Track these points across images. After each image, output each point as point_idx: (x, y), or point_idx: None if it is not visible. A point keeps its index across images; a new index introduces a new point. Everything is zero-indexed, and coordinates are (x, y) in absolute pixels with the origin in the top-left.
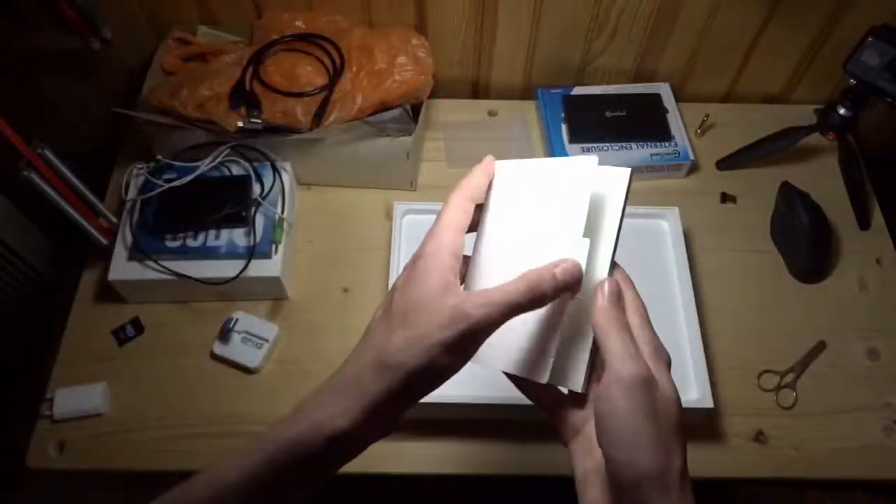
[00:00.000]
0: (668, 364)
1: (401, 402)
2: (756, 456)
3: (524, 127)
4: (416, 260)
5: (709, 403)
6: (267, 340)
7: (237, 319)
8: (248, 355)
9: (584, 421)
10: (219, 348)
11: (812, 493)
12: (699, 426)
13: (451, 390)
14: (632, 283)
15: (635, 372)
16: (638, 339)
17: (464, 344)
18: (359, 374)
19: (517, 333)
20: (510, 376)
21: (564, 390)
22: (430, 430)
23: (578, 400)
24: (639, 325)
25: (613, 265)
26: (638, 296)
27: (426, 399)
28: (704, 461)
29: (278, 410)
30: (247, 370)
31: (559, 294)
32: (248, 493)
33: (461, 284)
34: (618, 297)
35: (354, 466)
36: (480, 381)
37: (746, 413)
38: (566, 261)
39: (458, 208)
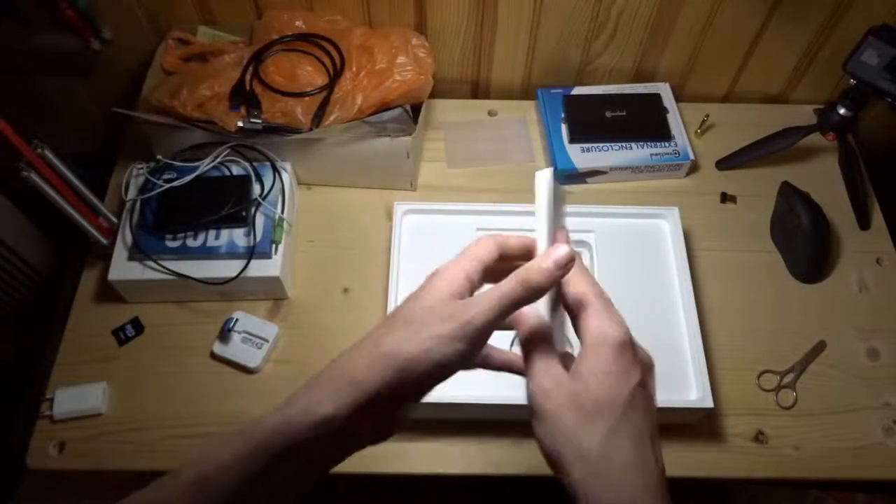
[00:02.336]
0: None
1: (398, 398)
2: (756, 456)
3: (524, 127)
4: (429, 275)
5: (709, 403)
6: (267, 340)
7: (237, 319)
8: (248, 355)
9: None
10: (219, 348)
11: (812, 493)
12: (699, 426)
13: (451, 390)
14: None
15: (533, 386)
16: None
17: (463, 338)
18: (351, 365)
19: None
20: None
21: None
22: (430, 430)
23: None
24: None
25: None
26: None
27: (426, 399)
28: (704, 461)
29: None
30: (247, 370)
31: (554, 282)
32: (237, 477)
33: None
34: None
35: (355, 466)
36: (480, 381)
37: (746, 413)
38: (557, 248)
39: (486, 247)
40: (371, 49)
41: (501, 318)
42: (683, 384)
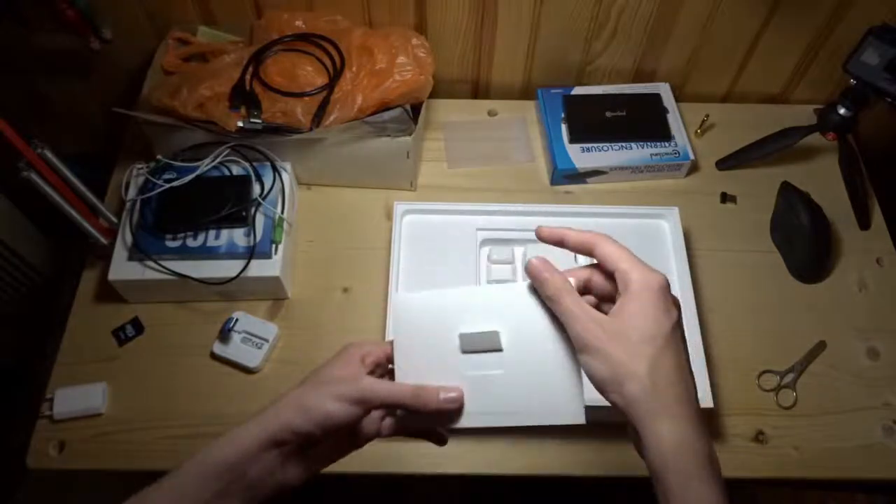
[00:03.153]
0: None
1: (301, 439)
2: (756, 456)
3: (524, 127)
4: (346, 346)
5: (709, 403)
6: (267, 340)
7: (237, 319)
8: (248, 355)
9: None
10: (219, 348)
11: (812, 493)
12: None
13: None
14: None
15: (598, 332)
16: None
17: (357, 402)
18: (269, 410)
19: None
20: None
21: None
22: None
23: None
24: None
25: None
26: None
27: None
28: None
29: None
30: (247, 370)
31: (439, 411)
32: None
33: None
34: (546, 272)
35: (355, 466)
36: None
37: (746, 413)
38: (454, 389)
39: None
40: (371, 49)
41: (388, 406)
42: None
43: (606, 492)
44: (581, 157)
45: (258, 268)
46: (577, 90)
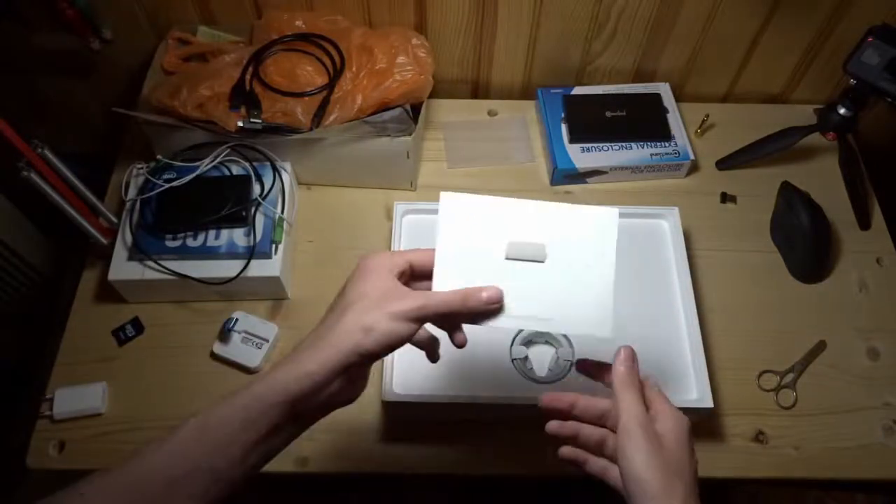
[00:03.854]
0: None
1: (363, 360)
2: (756, 456)
3: (524, 127)
4: (364, 261)
5: (709, 403)
6: (267, 340)
7: (237, 319)
8: (248, 355)
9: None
10: (219, 348)
11: (812, 493)
12: (699, 426)
13: (451, 390)
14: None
15: (649, 435)
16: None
17: (417, 320)
18: (328, 334)
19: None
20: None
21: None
22: (429, 430)
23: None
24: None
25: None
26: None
27: (427, 399)
28: (704, 461)
29: None
30: (247, 370)
31: (484, 310)
32: (235, 424)
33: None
34: (632, 361)
35: (357, 466)
36: (480, 381)
37: (746, 413)
38: (493, 289)
39: (427, 254)
40: (371, 49)
41: (440, 315)
42: (683, 384)
43: (607, 492)
44: (581, 157)
45: (258, 268)
46: (577, 90)
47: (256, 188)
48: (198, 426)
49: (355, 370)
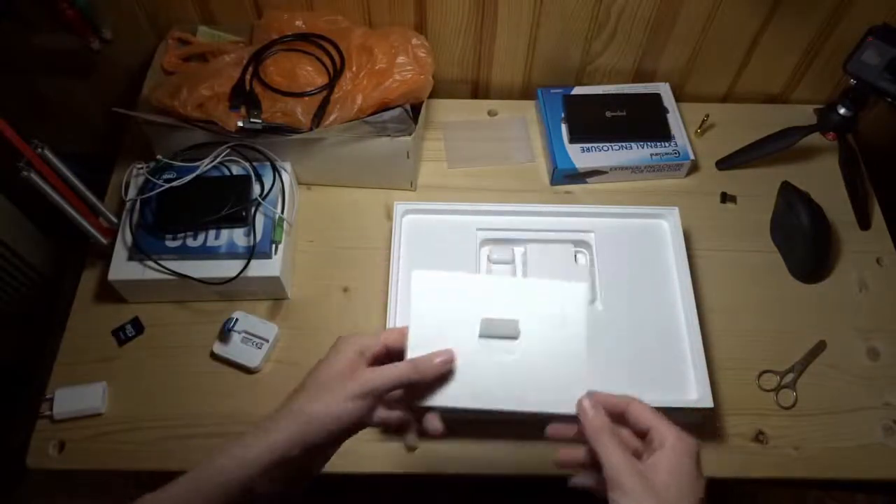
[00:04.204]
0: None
1: (304, 451)
2: (756, 456)
3: (524, 127)
4: (337, 341)
5: (709, 403)
6: (267, 340)
7: (237, 319)
8: (248, 355)
9: None
10: (219, 348)
11: (812, 493)
12: (699, 426)
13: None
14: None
15: (634, 480)
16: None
17: (363, 396)
18: (266, 424)
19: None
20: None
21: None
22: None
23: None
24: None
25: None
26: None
27: (426, 400)
28: (704, 461)
29: None
30: (247, 370)
31: (437, 376)
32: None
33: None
34: (596, 408)
35: (356, 467)
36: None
37: (746, 413)
38: (445, 352)
39: (395, 333)
40: (371, 49)
41: (392, 389)
42: (683, 384)
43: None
44: (581, 156)
45: (258, 268)
46: (577, 90)
47: (256, 188)
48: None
49: (303, 461)
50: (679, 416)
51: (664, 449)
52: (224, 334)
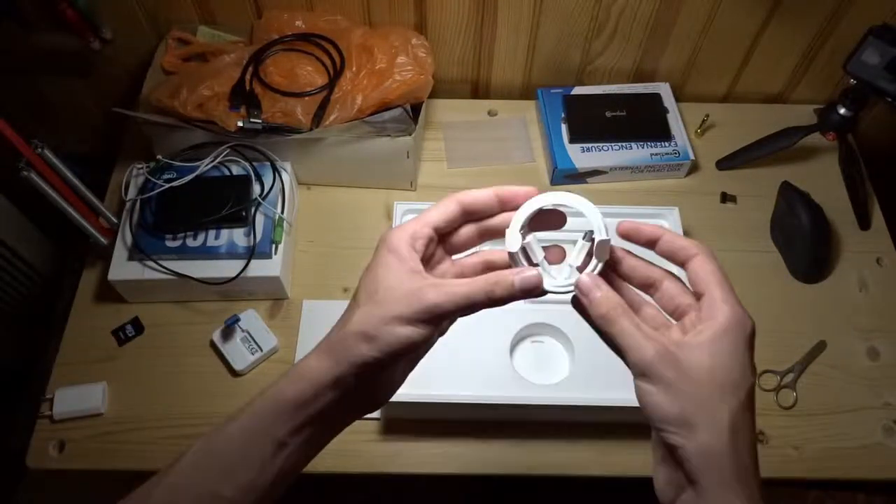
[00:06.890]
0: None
1: (371, 371)
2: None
3: (524, 127)
4: (381, 243)
5: None
6: (261, 349)
7: (243, 318)
8: (239, 356)
9: None
10: (218, 339)
11: (812, 493)
12: None
13: (451, 390)
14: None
15: (652, 353)
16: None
17: (427, 322)
18: (328, 341)
19: None
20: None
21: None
22: (429, 430)
23: None
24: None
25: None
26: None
27: (427, 399)
28: None
29: None
30: (231, 370)
31: (515, 299)
32: (240, 444)
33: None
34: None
35: (357, 466)
36: (480, 381)
37: None
38: (527, 269)
39: (440, 206)
40: (371, 49)
41: (459, 313)
42: None
43: (606, 492)
44: (581, 157)
45: (258, 268)
46: (577, 90)
47: (256, 188)
48: (197, 452)
49: (370, 376)
50: None
51: (715, 323)
52: (228, 328)
